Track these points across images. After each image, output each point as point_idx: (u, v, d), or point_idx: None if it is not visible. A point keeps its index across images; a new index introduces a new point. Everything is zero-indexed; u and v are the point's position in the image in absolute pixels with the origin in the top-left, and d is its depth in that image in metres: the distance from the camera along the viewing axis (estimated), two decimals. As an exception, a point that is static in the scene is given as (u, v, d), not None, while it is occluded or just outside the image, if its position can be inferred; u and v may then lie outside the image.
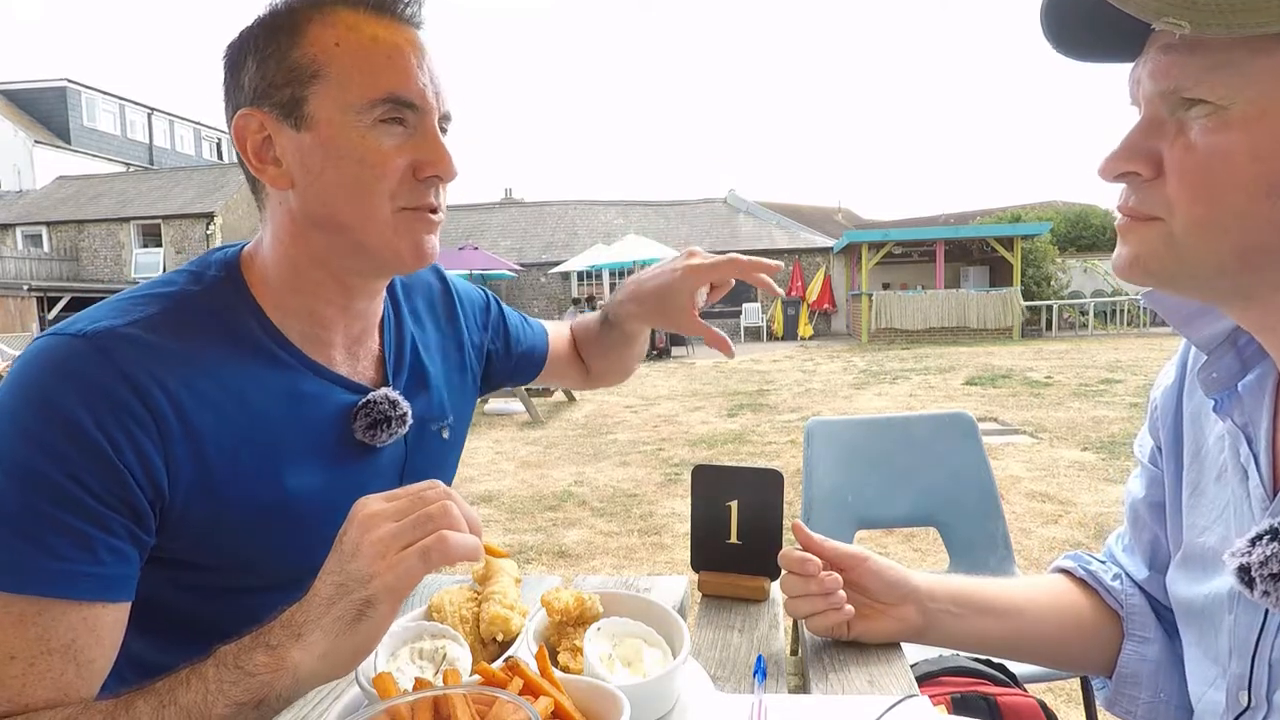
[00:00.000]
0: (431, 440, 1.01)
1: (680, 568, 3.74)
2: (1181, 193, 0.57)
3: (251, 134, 0.79)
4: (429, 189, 0.81)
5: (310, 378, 0.85)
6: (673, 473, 5.65)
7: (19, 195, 26.26)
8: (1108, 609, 0.88)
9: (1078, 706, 2.19)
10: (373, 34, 0.77)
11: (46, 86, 30.23)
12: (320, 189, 0.79)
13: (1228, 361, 0.69)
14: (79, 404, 0.68)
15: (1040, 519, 4.20)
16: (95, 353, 0.70)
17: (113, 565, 0.69)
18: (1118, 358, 12.00)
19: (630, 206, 26.16)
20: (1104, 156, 0.61)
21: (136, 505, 0.71)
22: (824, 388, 10.03)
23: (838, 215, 32.34)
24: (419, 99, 0.79)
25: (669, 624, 0.72)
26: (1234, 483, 0.70)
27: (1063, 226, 21.80)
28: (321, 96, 0.76)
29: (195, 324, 0.78)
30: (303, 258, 0.83)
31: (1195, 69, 0.54)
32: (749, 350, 17.78)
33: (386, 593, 0.61)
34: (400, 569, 0.61)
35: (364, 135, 0.77)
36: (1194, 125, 0.56)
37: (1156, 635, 0.85)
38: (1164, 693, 0.83)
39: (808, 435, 1.95)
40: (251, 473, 0.79)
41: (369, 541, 0.62)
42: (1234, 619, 0.67)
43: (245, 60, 0.79)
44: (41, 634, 0.65)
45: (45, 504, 0.66)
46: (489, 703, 0.52)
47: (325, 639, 0.61)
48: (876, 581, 0.85)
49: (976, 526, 1.88)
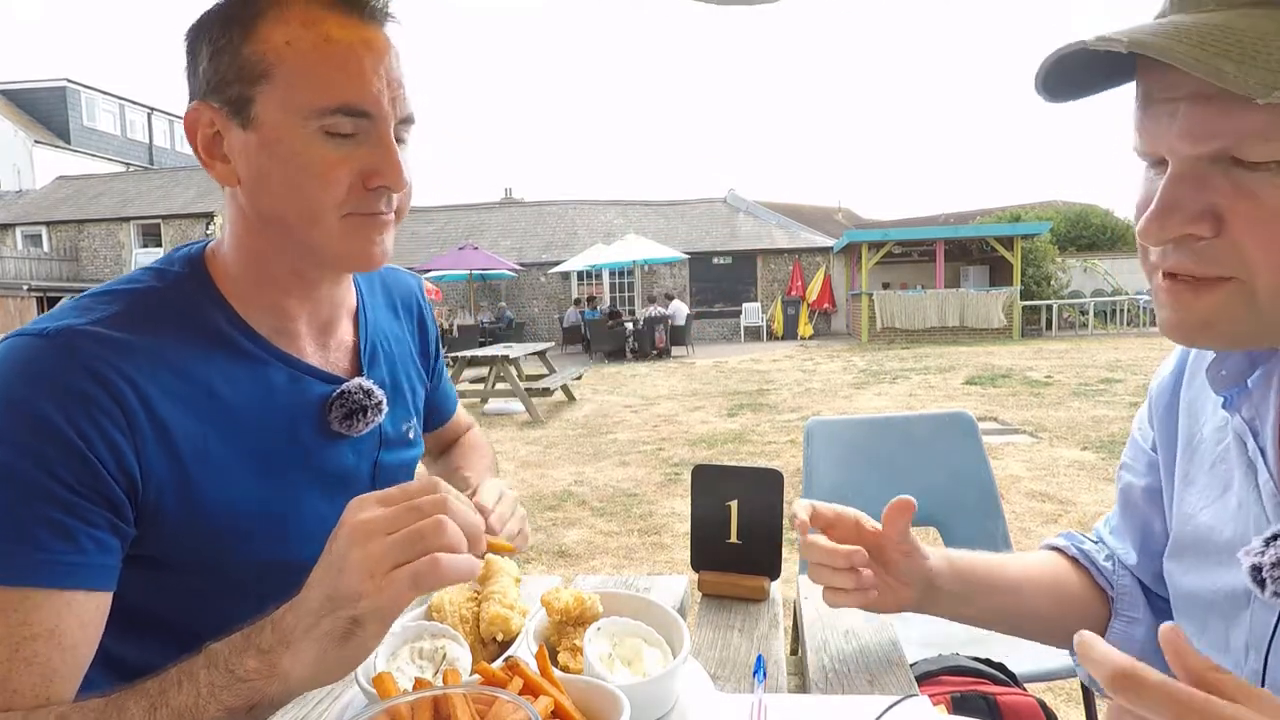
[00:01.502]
0: (400, 438, 1.00)
1: (680, 568, 3.74)
2: (1264, 251, 0.55)
3: (202, 127, 0.77)
4: (379, 198, 0.79)
5: (281, 369, 0.85)
6: (673, 472, 5.65)
7: (19, 195, 26.24)
8: (1097, 588, 0.89)
9: (1078, 706, 2.19)
10: (326, 33, 0.73)
11: (46, 86, 30.22)
12: (265, 191, 0.77)
13: (1236, 358, 0.68)
14: (47, 401, 0.68)
15: (1040, 518, 4.20)
16: (59, 350, 0.70)
17: (95, 554, 0.70)
18: (1118, 357, 12.00)
19: (630, 206, 26.15)
20: (1148, 217, 0.58)
21: (112, 496, 0.71)
22: (824, 387, 10.02)
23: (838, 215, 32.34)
24: (373, 106, 0.75)
25: (669, 624, 0.72)
26: (1240, 477, 0.70)
27: (1063, 226, 21.80)
28: (268, 98, 0.74)
29: (159, 319, 0.78)
30: (259, 251, 0.82)
31: (1256, 127, 0.52)
32: (749, 350, 17.78)
33: (374, 615, 0.58)
34: (389, 592, 0.57)
35: (309, 143, 0.74)
36: (1262, 184, 0.53)
37: (1145, 616, 0.86)
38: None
39: (808, 435, 1.95)
40: (222, 465, 0.79)
41: (358, 558, 0.58)
42: (1251, 614, 0.67)
43: (201, 49, 0.76)
44: (25, 619, 0.65)
45: (23, 499, 0.67)
46: (489, 703, 0.52)
47: (313, 650, 0.59)
48: (900, 561, 0.84)
49: (976, 526, 1.88)
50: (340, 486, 0.91)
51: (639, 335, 16.86)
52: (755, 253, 23.13)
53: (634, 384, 11.75)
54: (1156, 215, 0.57)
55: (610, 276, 22.78)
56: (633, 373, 13.53)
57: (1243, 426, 0.69)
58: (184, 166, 29.41)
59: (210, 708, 0.60)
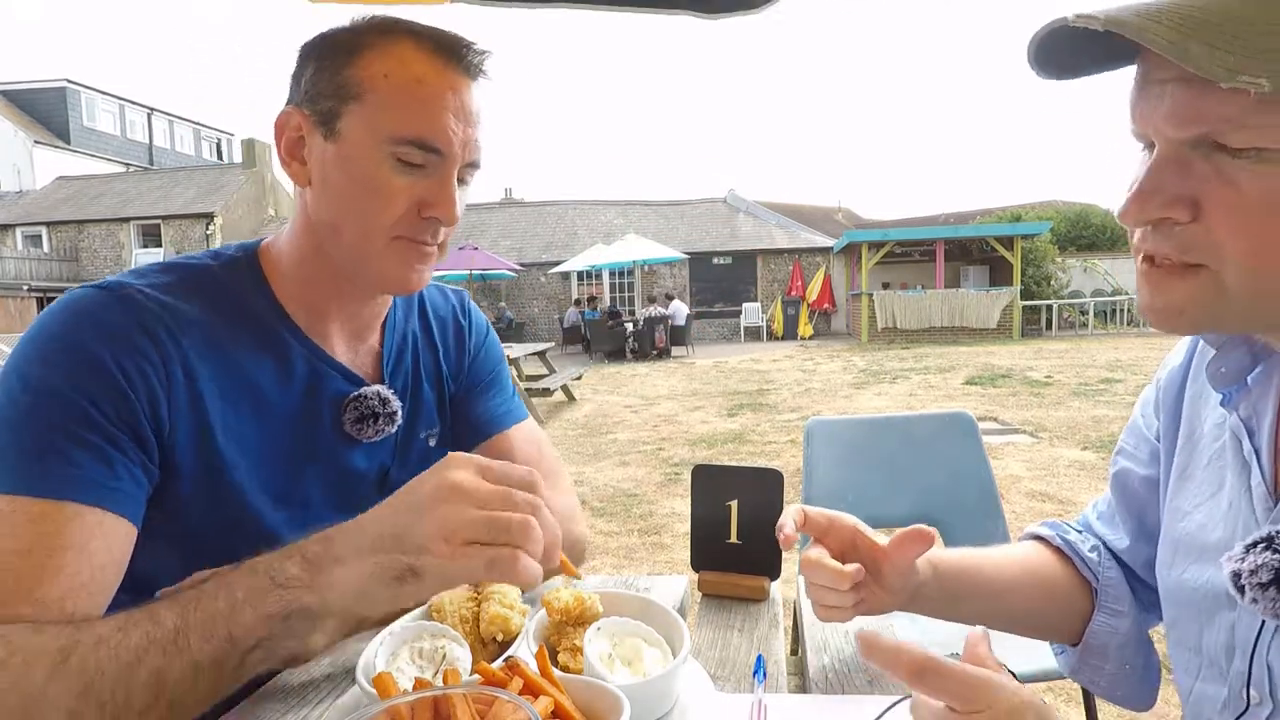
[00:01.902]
0: (419, 446, 1.02)
1: (680, 568, 3.74)
2: (1236, 240, 0.54)
3: (290, 130, 0.85)
4: (428, 228, 0.84)
5: (308, 358, 0.89)
6: (673, 472, 5.65)
7: (19, 195, 26.26)
8: (1080, 579, 0.88)
9: (1078, 706, 2.19)
10: (421, 74, 0.80)
11: (46, 86, 30.24)
12: (329, 197, 0.83)
13: (1237, 356, 0.68)
14: (98, 341, 0.74)
15: (1040, 518, 4.18)
16: (116, 301, 0.78)
17: (128, 483, 0.74)
18: (1118, 357, 11.99)
19: (630, 206, 26.16)
20: (1129, 198, 0.57)
21: (145, 436, 0.76)
22: (824, 387, 10.02)
23: (838, 215, 32.33)
24: (444, 145, 0.81)
25: (669, 624, 0.72)
26: (1233, 476, 0.69)
27: (1063, 226, 21.79)
28: (355, 116, 0.80)
29: (207, 294, 0.84)
30: (311, 249, 0.87)
31: (1236, 112, 0.51)
32: (749, 350, 17.78)
33: (436, 574, 0.60)
34: (460, 563, 0.59)
35: (379, 164, 0.80)
36: (1240, 171, 0.53)
37: (1129, 609, 0.86)
38: (1129, 664, 0.84)
39: (808, 435, 1.95)
40: (240, 436, 0.83)
41: (441, 515, 0.59)
42: (1236, 617, 0.67)
43: (310, 61, 0.83)
44: (58, 530, 0.67)
45: (67, 421, 0.71)
46: (489, 703, 0.52)
47: (360, 576, 0.62)
48: (896, 577, 0.80)
49: (976, 526, 1.88)
50: (345, 487, 0.93)
51: (639, 335, 16.86)
52: (755, 253, 23.13)
53: (634, 384, 11.75)
54: (1136, 197, 0.57)
55: (610, 276, 22.78)
56: (633, 373, 13.54)
57: (1239, 425, 0.69)
58: (184, 167, 29.45)
59: (245, 613, 0.62)
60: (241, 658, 0.63)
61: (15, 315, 19.14)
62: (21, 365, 0.74)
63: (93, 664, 0.60)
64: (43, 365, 0.73)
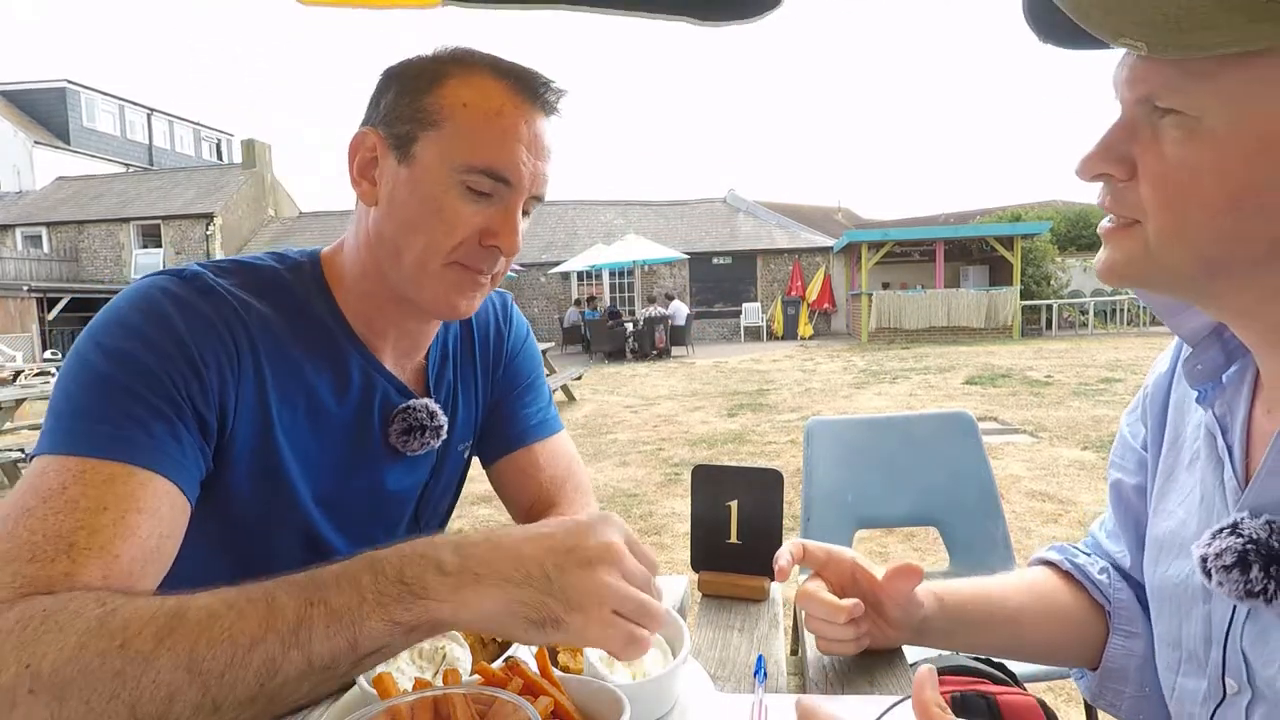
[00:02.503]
0: (456, 459, 1.05)
1: (680, 568, 3.74)
2: (1153, 200, 0.58)
3: (364, 150, 0.86)
4: (486, 256, 0.86)
5: (364, 368, 0.91)
6: (673, 473, 5.65)
7: (19, 196, 26.25)
8: (1093, 603, 0.87)
9: (1078, 706, 2.19)
10: (499, 107, 0.82)
11: (46, 87, 30.21)
12: (395, 218, 0.84)
13: (1213, 354, 0.70)
14: (182, 321, 0.76)
15: (1040, 518, 4.20)
16: (198, 289, 0.80)
17: (193, 460, 0.75)
18: (1117, 357, 12.00)
19: (630, 206, 26.16)
20: (1082, 156, 0.62)
21: (208, 421, 0.77)
22: (824, 387, 10.02)
23: (838, 215, 32.34)
24: (513, 176, 0.83)
25: (669, 624, 0.72)
26: (1208, 472, 0.71)
27: (1063, 226, 21.79)
28: (430, 142, 0.82)
29: (275, 295, 0.86)
30: (372, 267, 0.89)
31: (1169, 77, 0.55)
32: (749, 350, 17.78)
33: (578, 633, 0.59)
34: (606, 631, 0.59)
35: (448, 190, 0.82)
36: (1166, 134, 0.56)
37: (1143, 629, 0.84)
38: (1148, 686, 0.83)
39: (808, 435, 1.95)
40: (296, 438, 0.85)
41: (602, 578, 0.60)
42: (1211, 607, 0.69)
43: (391, 86, 0.85)
44: (132, 493, 0.68)
45: (143, 388, 0.72)
46: (489, 703, 0.52)
47: (501, 607, 0.59)
48: (896, 611, 0.81)
49: (976, 526, 1.88)
50: (385, 496, 0.96)
51: (639, 335, 16.86)
52: (755, 253, 23.13)
53: (634, 384, 11.75)
54: (1086, 155, 0.61)
55: (610, 276, 22.78)
56: (633, 373, 13.53)
57: (1213, 422, 0.70)
58: (184, 167, 29.45)
59: (373, 617, 0.58)
60: (357, 662, 0.59)
61: (15, 315, 19.13)
62: (100, 334, 0.75)
63: (204, 641, 0.56)
64: (123, 334, 0.74)
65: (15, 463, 5.21)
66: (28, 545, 0.62)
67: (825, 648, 0.81)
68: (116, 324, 0.75)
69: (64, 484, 0.66)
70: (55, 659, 0.55)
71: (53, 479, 0.66)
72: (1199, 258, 0.58)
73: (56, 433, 0.70)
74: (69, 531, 0.64)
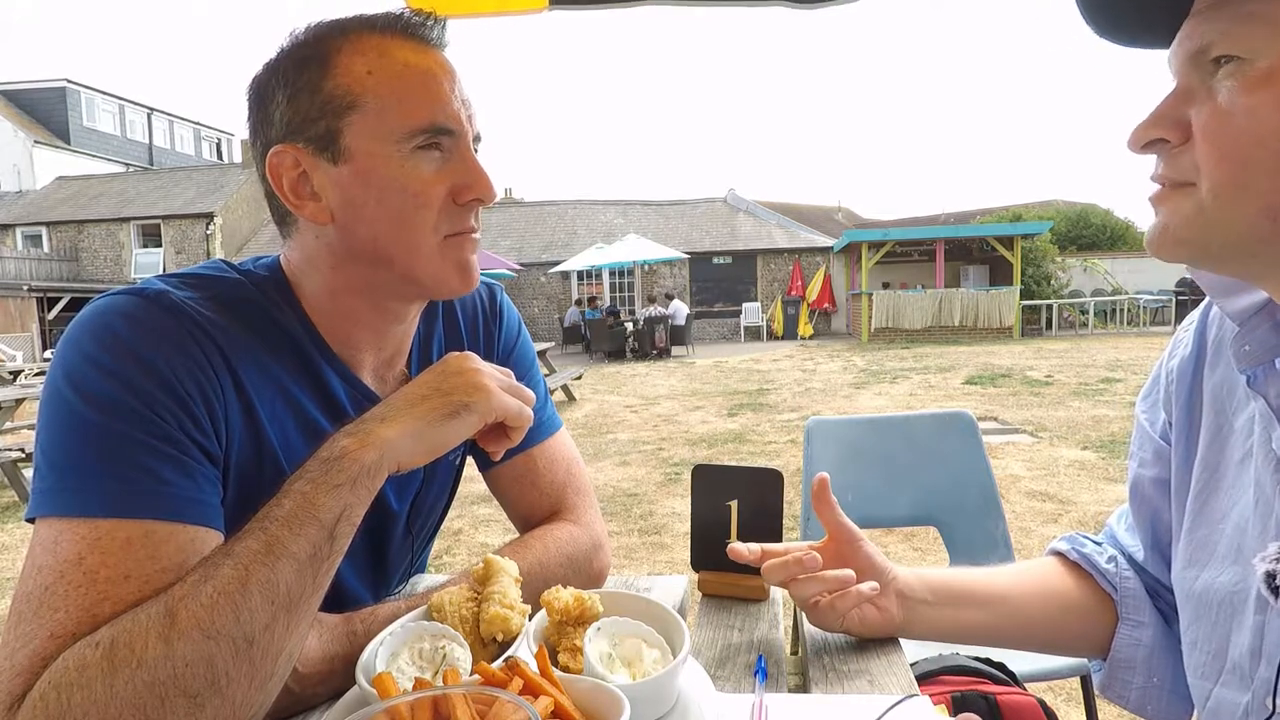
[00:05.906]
0: (446, 469, 1.01)
1: (680, 568, 3.74)
2: (1208, 154, 0.56)
3: (287, 170, 0.77)
4: (469, 213, 0.81)
5: (342, 384, 0.86)
6: (673, 472, 5.65)
7: (19, 195, 26.24)
8: (1100, 592, 0.86)
9: (1078, 706, 2.19)
10: (404, 60, 0.76)
11: (46, 86, 30.20)
12: (364, 223, 0.77)
13: (1262, 333, 0.65)
14: (156, 351, 0.70)
15: (1040, 518, 4.20)
16: (166, 310, 0.73)
17: (210, 494, 0.71)
18: (1118, 357, 12.00)
19: (630, 206, 26.15)
20: (1135, 127, 0.60)
21: (212, 450, 0.73)
22: (824, 387, 10.02)
23: (838, 215, 32.34)
24: (455, 124, 0.78)
25: (669, 624, 0.72)
26: (1264, 472, 0.65)
27: (1063, 226, 21.81)
28: (358, 128, 0.75)
29: (244, 310, 0.79)
30: (341, 286, 0.82)
31: (1222, 22, 0.55)
32: (749, 350, 17.78)
33: (485, 407, 0.73)
34: (503, 399, 0.74)
35: (403, 164, 0.76)
36: (1222, 87, 0.55)
37: (1151, 619, 0.84)
38: (1157, 677, 0.82)
39: (808, 435, 1.95)
40: (290, 456, 0.79)
41: (479, 377, 0.74)
42: (1266, 620, 0.64)
43: (274, 94, 0.77)
44: (152, 554, 0.64)
45: (141, 434, 0.67)
46: (489, 703, 0.52)
47: (415, 423, 0.70)
48: (867, 564, 0.83)
49: (976, 526, 1.88)
50: (377, 508, 0.91)
51: (639, 335, 16.85)
52: (755, 252, 23.13)
53: (634, 384, 11.75)
54: (1139, 124, 0.60)
55: (610, 276, 22.77)
56: (633, 373, 13.53)
57: (1268, 411, 0.65)
58: (184, 167, 29.44)
59: (320, 496, 0.65)
60: (331, 536, 0.65)
61: (15, 315, 19.13)
62: (75, 377, 0.68)
63: (203, 605, 0.59)
64: (101, 377, 0.67)
65: (15, 463, 5.20)
66: (49, 624, 0.61)
67: (815, 619, 0.83)
68: (89, 365, 0.68)
69: (80, 554, 0.63)
70: (88, 710, 0.56)
71: (67, 549, 0.63)
72: (1261, 208, 0.55)
73: (61, 492, 0.65)
74: (92, 605, 0.62)
